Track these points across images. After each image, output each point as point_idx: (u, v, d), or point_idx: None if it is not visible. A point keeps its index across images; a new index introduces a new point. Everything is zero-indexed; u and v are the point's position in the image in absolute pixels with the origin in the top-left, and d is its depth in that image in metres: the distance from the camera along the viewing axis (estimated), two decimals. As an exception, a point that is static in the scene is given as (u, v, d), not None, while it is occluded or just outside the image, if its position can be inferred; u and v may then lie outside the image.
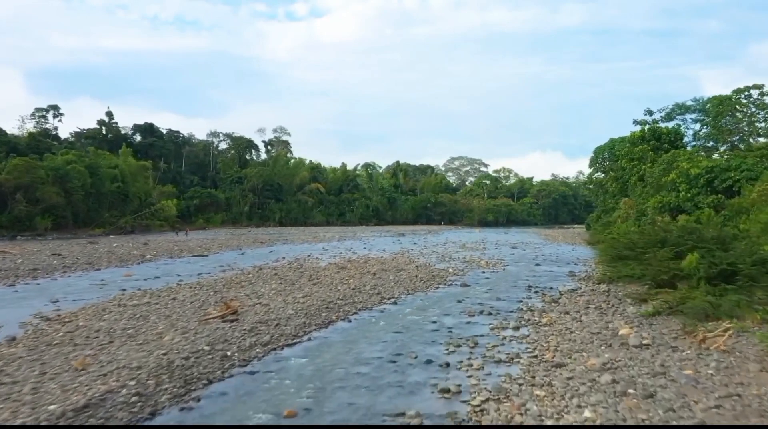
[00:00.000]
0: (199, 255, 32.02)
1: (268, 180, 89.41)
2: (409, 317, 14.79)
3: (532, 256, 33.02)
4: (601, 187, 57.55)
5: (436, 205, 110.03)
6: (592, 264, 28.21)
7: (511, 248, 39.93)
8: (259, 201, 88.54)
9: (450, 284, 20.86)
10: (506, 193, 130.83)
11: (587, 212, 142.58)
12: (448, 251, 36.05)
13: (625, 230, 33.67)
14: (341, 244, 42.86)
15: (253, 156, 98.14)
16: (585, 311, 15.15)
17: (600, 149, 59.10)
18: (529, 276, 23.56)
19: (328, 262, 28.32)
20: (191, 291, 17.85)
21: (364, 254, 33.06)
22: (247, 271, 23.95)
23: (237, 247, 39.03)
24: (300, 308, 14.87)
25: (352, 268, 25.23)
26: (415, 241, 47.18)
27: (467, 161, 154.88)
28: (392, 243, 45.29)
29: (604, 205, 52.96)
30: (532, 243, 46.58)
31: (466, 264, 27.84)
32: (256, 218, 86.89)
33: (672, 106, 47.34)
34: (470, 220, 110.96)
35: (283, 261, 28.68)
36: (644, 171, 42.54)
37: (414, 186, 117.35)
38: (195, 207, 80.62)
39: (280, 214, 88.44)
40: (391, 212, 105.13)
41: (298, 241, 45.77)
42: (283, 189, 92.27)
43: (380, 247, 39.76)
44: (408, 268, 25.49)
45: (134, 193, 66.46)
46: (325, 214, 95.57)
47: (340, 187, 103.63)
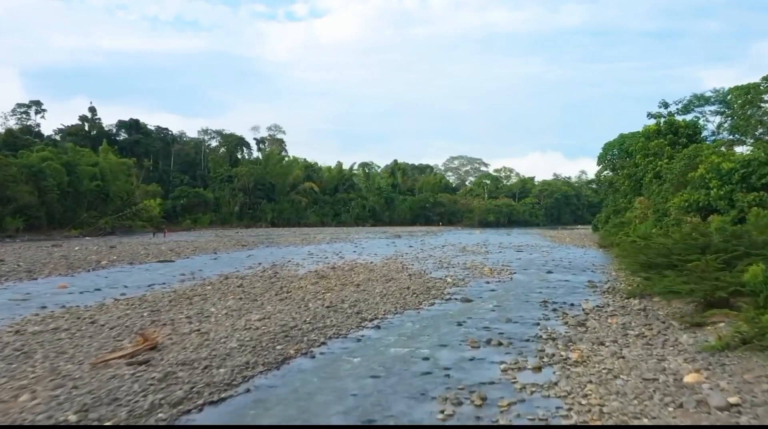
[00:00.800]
0: (165, 260, 28.37)
1: (259, 179, 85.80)
2: (393, 349, 11.16)
3: (541, 262, 29.38)
4: (611, 186, 53.91)
5: (435, 205, 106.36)
6: (613, 272, 24.59)
7: (516, 252, 36.30)
8: (250, 201, 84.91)
9: (448, 299, 17.21)
10: (507, 193, 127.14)
11: (590, 213, 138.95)
12: (446, 256, 32.44)
13: (644, 232, 30.14)
14: (330, 248, 39.24)
15: (244, 154, 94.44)
16: (624, 340, 11.58)
17: (609, 145, 55.47)
18: (541, 287, 19.92)
19: (308, 269, 24.72)
20: (123, 311, 14.23)
21: (352, 259, 29.43)
22: (209, 281, 20.33)
23: (213, 250, 35.40)
24: (250, 337, 11.24)
25: (334, 277, 21.59)
26: (411, 244, 43.56)
27: (467, 161, 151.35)
28: (386, 246, 41.68)
29: (614, 204, 49.32)
30: (538, 246, 42.96)
31: (467, 272, 24.21)
32: (247, 219, 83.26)
33: (689, 98, 43.77)
34: (470, 220, 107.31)
35: (257, 268, 25.07)
36: (661, 167, 38.98)
37: (412, 185, 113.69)
38: (182, 207, 77.03)
39: (272, 214, 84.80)
40: (388, 213, 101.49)
41: (283, 244, 42.15)
42: (276, 188, 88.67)
43: (372, 251, 36.16)
44: (399, 277, 21.85)
45: (115, 193, 62.83)
46: (319, 214, 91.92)
47: (335, 186, 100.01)
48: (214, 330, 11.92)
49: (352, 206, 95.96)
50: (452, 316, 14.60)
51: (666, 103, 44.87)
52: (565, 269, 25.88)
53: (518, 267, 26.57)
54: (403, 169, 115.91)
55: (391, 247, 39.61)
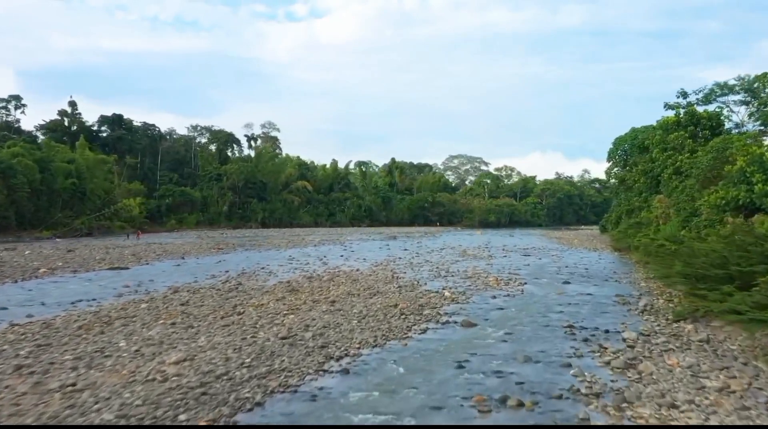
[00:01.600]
0: (118, 268, 24.51)
1: (250, 177, 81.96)
2: (359, 418, 7.36)
3: (554, 269, 25.54)
4: (622, 184, 50.07)
5: (434, 204, 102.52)
6: (641, 282, 20.76)
7: (522, 256, 32.50)
8: (239, 200, 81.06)
9: (445, 322, 13.39)
10: (508, 193, 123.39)
11: (593, 213, 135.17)
12: (444, 261, 28.61)
13: (670, 234, 26.37)
14: (316, 251, 35.41)
15: (235, 152, 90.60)
16: (703, 398, 7.79)
17: (620, 140, 51.62)
18: (561, 304, 16.09)
19: (281, 279, 20.91)
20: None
21: (336, 266, 25.60)
22: (151, 296, 16.52)
23: (182, 255, 31.58)
24: (144, 399, 7.41)
25: (307, 290, 17.76)
26: (406, 247, 39.73)
27: (467, 160, 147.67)
28: (378, 249, 37.85)
29: (628, 204, 45.49)
30: (546, 248, 39.14)
31: (469, 282, 20.38)
32: (236, 219, 79.41)
33: (711, 86, 39.97)
34: (470, 221, 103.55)
35: (220, 278, 21.25)
36: (681, 162, 35.26)
37: (410, 185, 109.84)
38: (167, 207, 73.21)
39: (263, 214, 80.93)
40: (385, 212, 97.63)
41: (266, 247, 38.31)
42: (267, 187, 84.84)
43: (362, 255, 32.36)
44: (387, 290, 18.03)
45: (92, 191, 58.93)
46: (313, 214, 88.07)
47: (330, 185, 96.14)
48: (99, 384, 8.09)
49: (348, 206, 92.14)
50: (450, 350, 10.80)
51: (685, 92, 41.03)
52: (584, 278, 22.04)
53: (528, 275, 22.75)
54: (401, 168, 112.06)
55: (384, 251, 35.79)
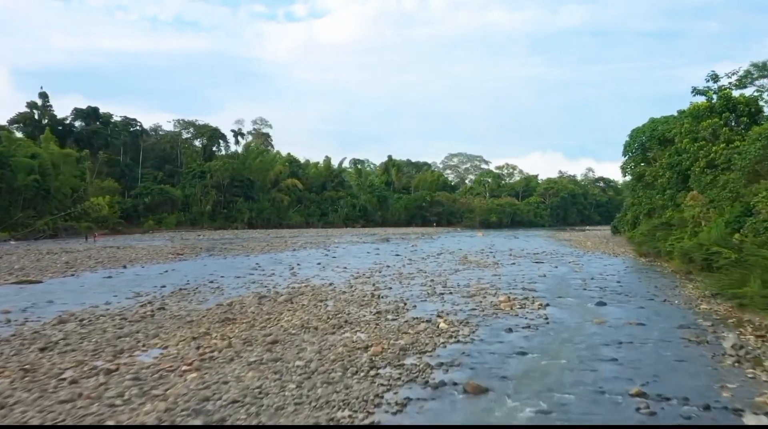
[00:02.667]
0: (28, 281, 19.44)
1: (236, 175, 76.94)
2: None
3: (577, 281, 20.53)
4: (640, 180, 45.03)
5: (433, 204, 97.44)
6: (700, 302, 15.70)
7: (534, 263, 27.52)
8: (224, 199, 76.02)
9: (437, 385, 8.34)
10: (510, 192, 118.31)
11: (598, 213, 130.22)
12: (441, 271, 23.63)
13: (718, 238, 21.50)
14: (291, 257, 30.42)
15: (221, 148, 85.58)
16: None
17: (637, 132, 46.53)
18: (607, 342, 11.08)
19: (225, 298, 15.90)
20: None
21: (306, 279, 20.58)
22: (17, 332, 11.51)
23: (127, 263, 26.54)
24: None
25: (248, 319, 12.80)
26: (398, 252, 34.71)
27: (467, 158, 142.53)
28: (366, 254, 32.83)
29: (649, 202, 40.51)
30: (558, 253, 34.17)
31: (472, 303, 15.38)
32: (221, 219, 74.37)
33: (747, 68, 34.99)
34: (470, 221, 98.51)
35: (148, 296, 16.25)
36: (716, 153, 30.41)
37: (408, 183, 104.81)
38: (144, 206, 68.15)
39: (250, 214, 75.89)
40: (381, 212, 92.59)
41: (236, 252, 33.26)
42: (255, 185, 79.80)
43: (344, 263, 27.34)
44: (360, 317, 13.06)
45: (58, 189, 53.84)
46: (303, 214, 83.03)
47: (323, 183, 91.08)
48: None
49: (341, 205, 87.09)
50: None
51: (716, 75, 35.88)
52: (621, 296, 17.01)
53: (548, 292, 17.72)
54: (398, 166, 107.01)
55: (372, 257, 30.77)
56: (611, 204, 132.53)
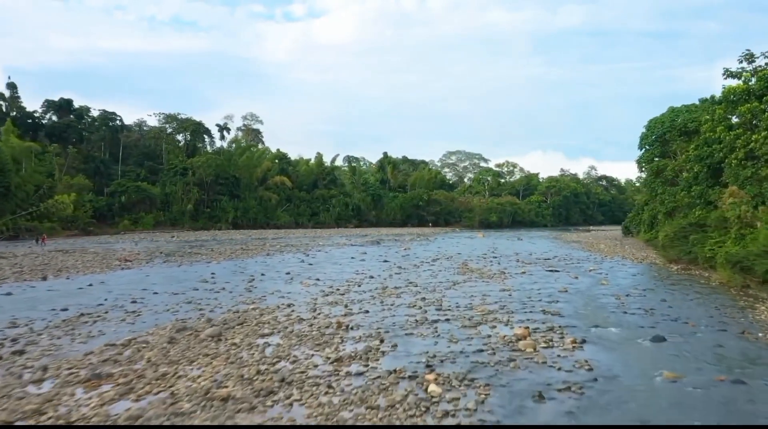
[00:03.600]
0: None
1: (220, 172, 72.26)
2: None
3: (610, 300, 15.95)
4: (659, 176, 40.49)
5: (430, 203, 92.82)
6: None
7: (548, 272, 22.98)
8: (208, 198, 71.36)
9: None
10: (510, 191, 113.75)
11: (600, 212, 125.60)
12: (436, 283, 19.08)
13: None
14: (259, 265, 25.82)
15: (206, 144, 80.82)
16: None
17: (655, 122, 42.00)
18: (706, 417, 6.53)
19: (126, 334, 11.34)
20: None
21: (260, 298, 15.97)
22: None
23: (50, 272, 21.93)
24: None
25: (131, 376, 8.17)
26: (387, 257, 30.11)
27: (465, 156, 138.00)
28: (350, 260, 28.21)
29: (672, 200, 36.00)
30: (573, 258, 29.64)
31: (477, 338, 10.81)
32: (204, 219, 69.69)
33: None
34: (470, 221, 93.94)
35: (21, 328, 11.69)
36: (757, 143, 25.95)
37: (404, 181, 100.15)
38: (120, 205, 63.48)
39: (235, 213, 71.21)
40: (375, 212, 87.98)
41: (198, 259, 28.56)
42: (241, 183, 75.16)
43: (319, 272, 22.75)
44: (309, 368, 8.46)
45: (19, 186, 49.17)
46: (293, 213, 78.38)
47: (314, 181, 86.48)
48: None
49: (333, 205, 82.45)
50: None
51: (751, 54, 31.39)
52: (678, 325, 12.43)
53: (576, 315, 13.15)
54: (394, 163, 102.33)
55: (355, 264, 26.15)
56: (614, 203, 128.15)
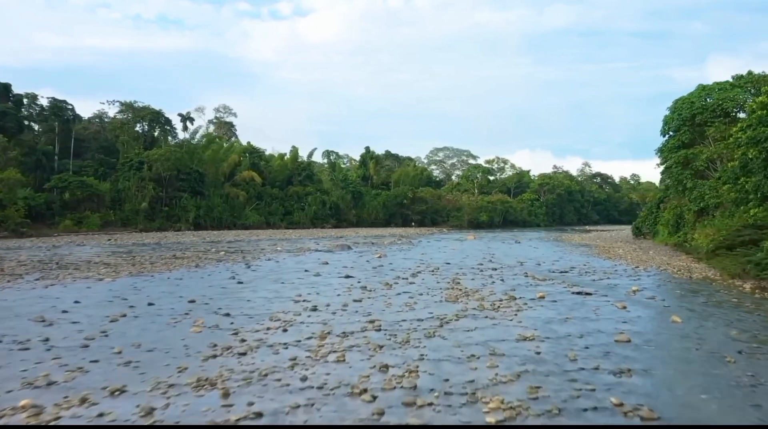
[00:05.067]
0: None
1: (181, 166, 64.67)
2: None
3: (713, 362, 8.93)
4: (687, 166, 33.61)
5: (415, 201, 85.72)
6: None
7: (577, 296, 15.99)
8: (166, 195, 63.74)
9: None
10: (501, 188, 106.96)
11: (596, 211, 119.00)
12: (414, 322, 11.94)
13: None
14: (165, 284, 18.50)
15: (168, 136, 73.11)
16: None
17: (682, 102, 35.07)
18: None
19: None
20: None
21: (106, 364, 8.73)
22: None
23: None
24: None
25: None
26: (353, 270, 22.92)
27: (453, 152, 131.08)
28: (300, 277, 20.77)
29: (715, 195, 29.21)
30: (594, 269, 22.70)
31: None
32: (161, 218, 62.08)
33: None
34: (458, 221, 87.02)
35: None
36: None
37: (387, 178, 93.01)
38: (63, 202, 55.84)
39: (197, 212, 63.67)
40: (355, 211, 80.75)
41: (87, 275, 21.03)
42: (205, 179, 67.64)
43: (237, 302, 15.42)
44: None
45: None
46: (263, 213, 70.95)
47: (288, 178, 79.07)
48: None
49: (309, 203, 75.09)
50: None
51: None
52: None
53: (682, 416, 6.09)
54: (377, 159, 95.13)
55: (304, 284, 18.75)
56: (610, 202, 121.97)
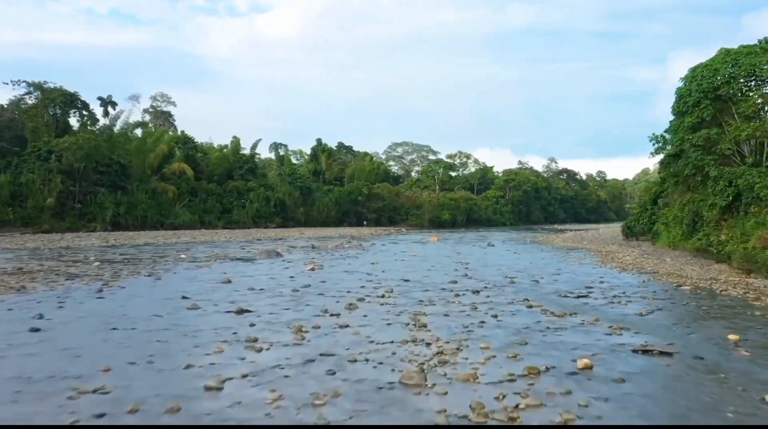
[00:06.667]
0: None
1: (99, 157, 55.55)
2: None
3: None
4: (710, 152, 26.59)
5: (371, 198, 77.86)
6: None
7: (641, 355, 8.54)
8: (79, 190, 54.46)
9: None
10: (464, 185, 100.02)
11: (563, 209, 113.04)
12: None
13: None
14: None
15: (88, 123, 63.52)
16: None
17: (702, 69, 27.95)
18: None
19: None
20: None
21: None
22: None
23: None
24: None
25: None
26: (267, 287, 15.15)
27: (413, 148, 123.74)
28: (174, 308, 12.83)
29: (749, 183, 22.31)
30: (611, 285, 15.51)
31: None
32: (73, 217, 52.81)
33: None
34: (418, 219, 79.68)
35: None
36: None
37: (341, 173, 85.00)
38: (-57, 198, 46.37)
39: (116, 210, 54.60)
40: (304, 209, 72.45)
41: None
42: (129, 172, 58.56)
43: None
44: None
45: None
46: (197, 210, 62.11)
47: (228, 171, 70.31)
48: None
49: (251, 199, 66.54)
50: None
51: None
52: None
53: None
54: (329, 152, 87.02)
55: (146, 338, 10.76)
56: (577, 199, 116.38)
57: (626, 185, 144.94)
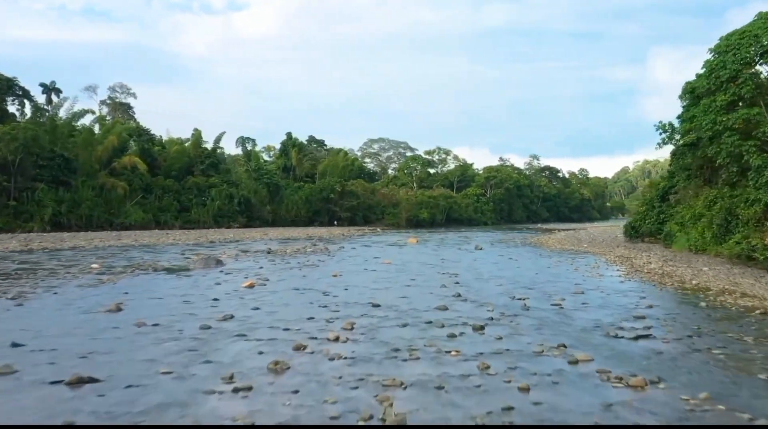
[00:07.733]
0: None
1: (38, 150, 49.51)
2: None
3: None
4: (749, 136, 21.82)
5: (344, 196, 72.43)
6: None
7: None
8: (15, 186, 48.37)
9: None
10: (443, 182, 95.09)
11: (545, 207, 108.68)
12: None
13: None
14: None
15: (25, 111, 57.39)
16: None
17: (737, 37, 23.14)
18: None
19: None
20: None
21: None
22: None
23: None
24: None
25: None
26: (176, 316, 10.06)
27: (389, 144, 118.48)
28: None
29: None
30: (667, 315, 10.54)
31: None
32: (6, 216, 46.65)
33: None
34: (394, 218, 74.57)
35: None
36: None
37: (312, 169, 79.50)
38: None
39: (57, 208, 48.60)
40: (271, 207, 66.89)
41: None
42: (74, 166, 52.53)
43: None
44: None
45: None
46: (151, 209, 56.24)
47: (188, 166, 64.43)
48: None
49: (212, 197, 60.83)
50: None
51: None
52: None
53: None
54: (300, 147, 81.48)
55: None
56: (560, 198, 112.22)
57: (607, 184, 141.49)
